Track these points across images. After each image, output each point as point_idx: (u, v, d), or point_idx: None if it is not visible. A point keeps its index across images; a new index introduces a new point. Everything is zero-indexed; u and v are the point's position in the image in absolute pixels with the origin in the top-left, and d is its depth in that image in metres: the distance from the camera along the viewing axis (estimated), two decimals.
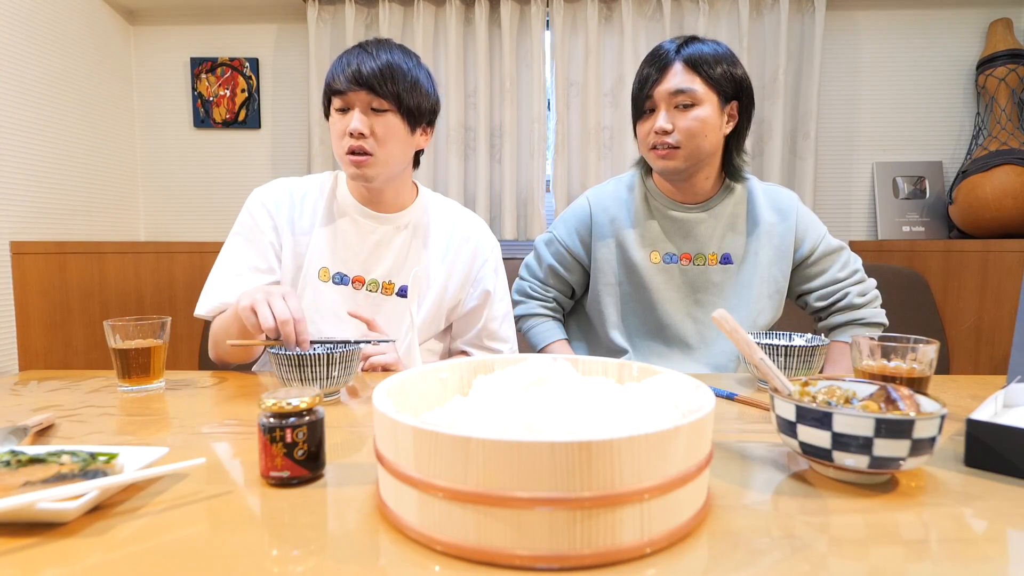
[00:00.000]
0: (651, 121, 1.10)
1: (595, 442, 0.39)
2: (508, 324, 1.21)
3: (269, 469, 0.53)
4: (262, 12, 2.34)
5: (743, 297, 1.17)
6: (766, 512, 0.49)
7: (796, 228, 1.17)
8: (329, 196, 1.11)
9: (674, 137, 1.07)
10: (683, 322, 1.18)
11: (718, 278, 1.17)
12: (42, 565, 0.41)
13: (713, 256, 1.17)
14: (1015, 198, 1.93)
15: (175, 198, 2.42)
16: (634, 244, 1.18)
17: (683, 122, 1.07)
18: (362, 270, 1.10)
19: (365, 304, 1.09)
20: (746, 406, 0.81)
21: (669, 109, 1.08)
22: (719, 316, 0.60)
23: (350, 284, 1.09)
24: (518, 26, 2.23)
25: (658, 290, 1.17)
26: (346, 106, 1.01)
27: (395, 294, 1.11)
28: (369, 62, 0.99)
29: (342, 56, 1.02)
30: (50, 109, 1.93)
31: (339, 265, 1.09)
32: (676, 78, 1.07)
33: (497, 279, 1.19)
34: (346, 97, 1.00)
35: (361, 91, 0.99)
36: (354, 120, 0.99)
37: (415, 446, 0.42)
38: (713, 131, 1.08)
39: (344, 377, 0.83)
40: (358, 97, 1.00)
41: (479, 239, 1.17)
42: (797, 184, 2.22)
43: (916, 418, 0.50)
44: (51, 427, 0.72)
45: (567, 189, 2.26)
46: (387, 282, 1.10)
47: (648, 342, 1.21)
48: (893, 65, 2.27)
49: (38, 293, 1.81)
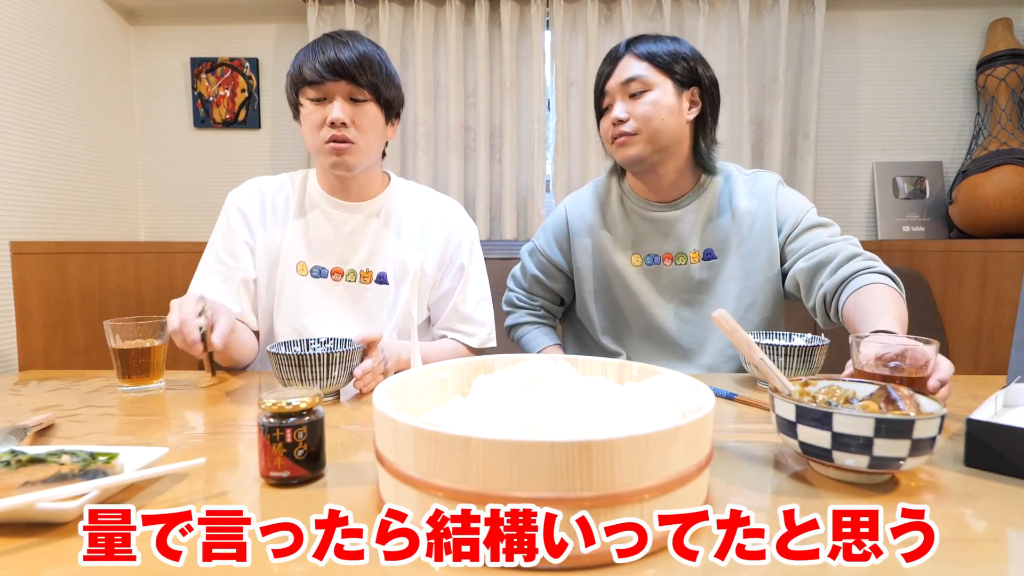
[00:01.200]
0: (609, 116, 1.10)
1: (595, 442, 0.39)
2: (484, 309, 1.18)
3: (269, 469, 0.53)
4: (262, 12, 2.34)
5: (731, 291, 1.13)
6: (766, 512, 0.49)
7: (777, 208, 1.11)
8: (300, 190, 1.12)
9: (630, 125, 1.06)
10: (672, 323, 1.15)
11: (703, 275, 1.13)
12: (42, 565, 0.41)
13: (695, 254, 1.13)
14: (1015, 198, 1.93)
15: (175, 198, 2.42)
16: (614, 249, 1.17)
17: (637, 108, 1.06)
18: (339, 261, 1.09)
19: (345, 295, 1.09)
20: (746, 406, 0.81)
21: (624, 99, 1.07)
22: (719, 316, 0.60)
23: (329, 276, 1.09)
24: (518, 26, 2.23)
25: (644, 293, 1.15)
26: (322, 96, 0.99)
27: (374, 281, 1.10)
28: (346, 52, 0.97)
29: (312, 47, 1.00)
30: (50, 109, 1.93)
31: (316, 258, 1.08)
32: (624, 69, 1.08)
33: (472, 259, 1.17)
34: (324, 87, 0.98)
35: (340, 81, 0.98)
36: (335, 110, 0.98)
37: (415, 446, 0.42)
38: (671, 114, 1.06)
39: (343, 376, 0.83)
40: (337, 87, 0.98)
41: (454, 221, 1.16)
42: (797, 184, 2.22)
43: (916, 418, 0.50)
44: (51, 427, 0.72)
45: (567, 189, 2.26)
46: (364, 271, 1.10)
47: (640, 345, 1.19)
48: (893, 65, 2.27)
49: (38, 293, 1.81)
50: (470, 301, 1.16)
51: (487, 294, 1.20)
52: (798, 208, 1.10)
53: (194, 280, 1.08)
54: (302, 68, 0.99)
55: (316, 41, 1.01)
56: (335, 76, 0.97)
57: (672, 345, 1.16)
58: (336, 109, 0.98)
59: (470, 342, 1.16)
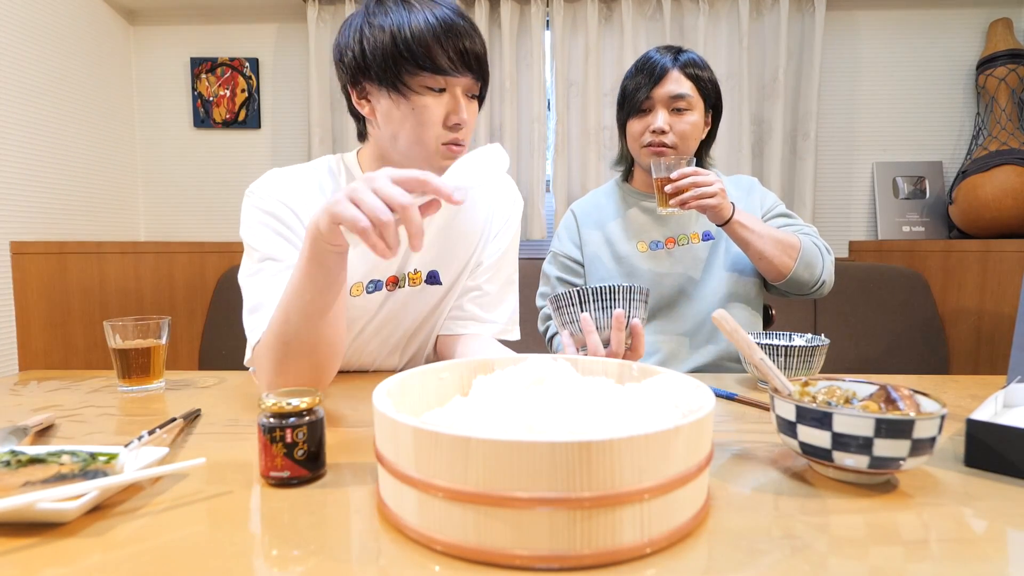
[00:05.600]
0: (646, 120, 1.18)
1: (595, 442, 0.39)
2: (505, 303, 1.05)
3: (269, 469, 0.53)
4: (262, 12, 2.34)
5: (735, 264, 1.22)
6: (766, 512, 0.49)
7: (761, 196, 1.27)
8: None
9: (670, 138, 1.16)
10: (678, 298, 1.22)
11: (704, 254, 1.23)
12: (42, 565, 0.41)
13: (695, 235, 1.23)
14: (1015, 198, 1.93)
15: (175, 198, 2.42)
16: (621, 238, 1.25)
17: (679, 125, 1.16)
18: (396, 269, 0.95)
19: (396, 307, 0.96)
20: (746, 406, 0.81)
21: (666, 110, 1.16)
22: (719, 316, 0.60)
23: (384, 288, 0.95)
24: (518, 26, 2.23)
25: (651, 274, 1.22)
26: (442, 87, 0.84)
27: (424, 283, 0.97)
28: (474, 42, 0.83)
29: (432, 23, 0.80)
30: (50, 109, 1.93)
31: (373, 272, 0.94)
32: (674, 83, 1.16)
33: (515, 242, 1.05)
34: (448, 79, 0.83)
35: (468, 76, 0.84)
36: (463, 110, 0.85)
37: (415, 446, 0.42)
38: (698, 136, 1.20)
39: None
40: (460, 82, 0.84)
41: (505, 193, 1.06)
42: (797, 184, 2.22)
43: (916, 418, 0.50)
44: (51, 427, 0.72)
45: (567, 189, 2.26)
46: (413, 272, 0.96)
47: (651, 323, 1.24)
48: (893, 65, 2.27)
49: (38, 293, 1.81)
50: (494, 284, 1.04)
51: (515, 287, 1.08)
52: (772, 199, 1.27)
53: (252, 293, 0.83)
54: (429, 48, 0.80)
55: (433, 12, 0.81)
56: (465, 70, 0.83)
57: (680, 317, 1.22)
58: (463, 109, 0.85)
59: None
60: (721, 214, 1.08)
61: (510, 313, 1.04)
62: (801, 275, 1.13)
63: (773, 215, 1.24)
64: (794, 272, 1.12)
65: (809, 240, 1.15)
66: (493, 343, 0.99)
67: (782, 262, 1.12)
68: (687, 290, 1.21)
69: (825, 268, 1.15)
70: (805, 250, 1.13)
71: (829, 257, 1.17)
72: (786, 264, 1.12)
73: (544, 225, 2.26)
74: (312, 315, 0.70)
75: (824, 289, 1.18)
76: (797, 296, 1.22)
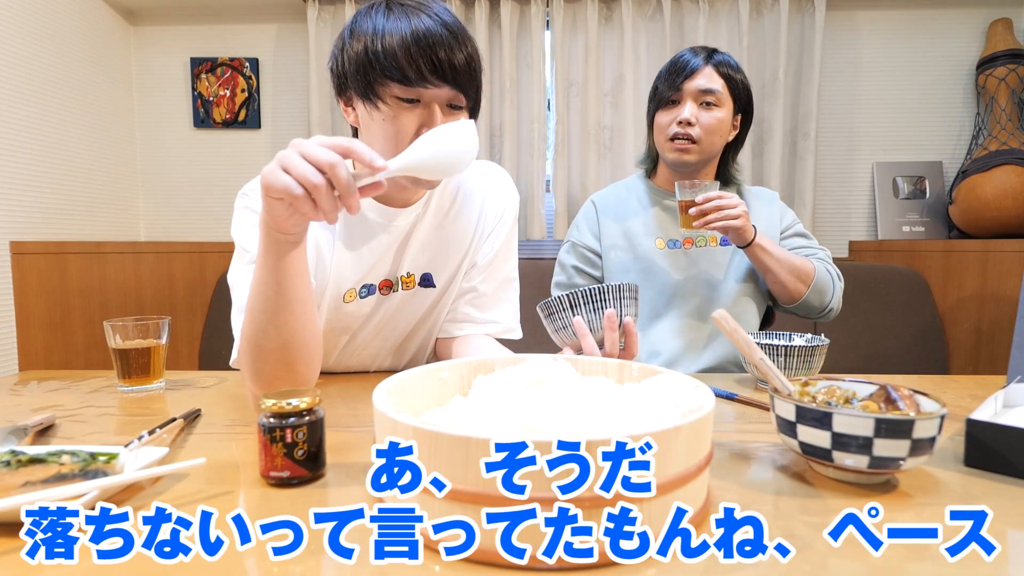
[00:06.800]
0: (674, 112, 1.19)
1: (595, 442, 0.39)
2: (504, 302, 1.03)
3: (269, 469, 0.53)
4: (262, 12, 2.34)
5: (749, 270, 1.22)
6: (766, 512, 0.49)
7: (780, 211, 1.29)
8: None
9: (695, 131, 1.16)
10: (692, 298, 1.22)
11: (721, 258, 1.24)
12: (42, 565, 0.41)
13: (713, 238, 1.24)
14: (1015, 198, 1.93)
15: (175, 198, 2.42)
16: (640, 233, 1.25)
17: (705, 119, 1.17)
18: (389, 273, 0.95)
19: (391, 311, 0.97)
20: (746, 406, 0.81)
21: (695, 103, 1.17)
22: (719, 316, 0.60)
23: (376, 292, 0.95)
24: (518, 26, 2.23)
25: (668, 272, 1.23)
26: (415, 98, 0.79)
27: (417, 285, 0.96)
28: (457, 52, 0.78)
29: (405, 32, 0.76)
30: (50, 109, 1.93)
31: (366, 277, 0.93)
32: (706, 78, 1.17)
33: (511, 240, 1.02)
34: (420, 90, 0.78)
35: (443, 87, 0.78)
36: (436, 122, 0.79)
37: (415, 446, 0.42)
38: (724, 134, 1.20)
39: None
40: (435, 93, 0.79)
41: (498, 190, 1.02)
42: (797, 184, 2.22)
43: (916, 418, 0.50)
44: (51, 427, 0.72)
45: (567, 189, 2.26)
46: (406, 276, 0.95)
47: (661, 318, 1.24)
48: (893, 65, 2.27)
49: (38, 293, 1.81)
50: (491, 282, 1.02)
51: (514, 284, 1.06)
52: (791, 216, 1.30)
53: (241, 293, 0.82)
54: (397, 58, 0.76)
55: (409, 16, 0.77)
56: (439, 81, 0.78)
57: (694, 314, 1.23)
58: (438, 121, 0.79)
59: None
60: (744, 236, 1.10)
61: (510, 312, 1.03)
62: (811, 301, 1.17)
63: (791, 233, 1.26)
64: (805, 298, 1.16)
65: (823, 267, 1.18)
66: (491, 343, 0.99)
67: (796, 288, 1.15)
68: (701, 290, 1.22)
69: (835, 296, 1.19)
70: (819, 278, 1.16)
71: (839, 284, 1.20)
72: (799, 290, 1.15)
73: (544, 225, 2.26)
74: (277, 312, 0.68)
75: (831, 315, 1.21)
76: (803, 318, 1.25)
